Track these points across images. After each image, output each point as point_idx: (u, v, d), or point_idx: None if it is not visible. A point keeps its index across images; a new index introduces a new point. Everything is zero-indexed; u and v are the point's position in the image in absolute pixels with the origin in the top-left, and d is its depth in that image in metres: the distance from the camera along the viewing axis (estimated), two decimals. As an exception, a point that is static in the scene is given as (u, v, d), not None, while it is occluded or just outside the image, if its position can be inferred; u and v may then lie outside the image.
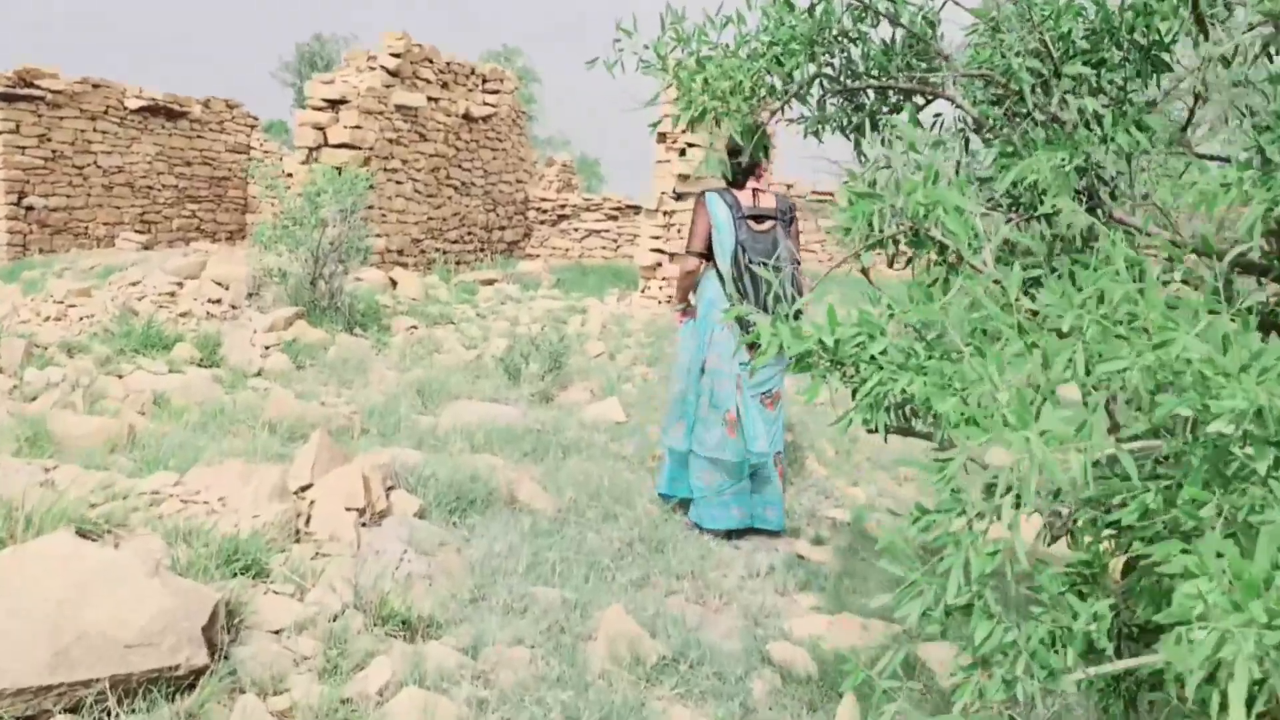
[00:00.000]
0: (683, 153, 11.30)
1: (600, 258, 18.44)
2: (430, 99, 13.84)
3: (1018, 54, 1.88)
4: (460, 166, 15.18)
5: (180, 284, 8.08)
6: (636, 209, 18.35)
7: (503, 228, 17.19)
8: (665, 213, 11.34)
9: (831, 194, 17.94)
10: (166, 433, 5.46)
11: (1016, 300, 1.60)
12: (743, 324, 4.47)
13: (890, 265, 1.99)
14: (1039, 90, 1.96)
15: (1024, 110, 2.08)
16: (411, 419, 6.19)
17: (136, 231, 16.83)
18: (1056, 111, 2.01)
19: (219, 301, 8.04)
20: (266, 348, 7.30)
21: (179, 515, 3.31)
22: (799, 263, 4.62)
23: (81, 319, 7.03)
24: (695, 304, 4.60)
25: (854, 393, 1.83)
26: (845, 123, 2.59)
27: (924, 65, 2.24)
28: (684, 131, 11.17)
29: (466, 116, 15.07)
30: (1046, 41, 1.97)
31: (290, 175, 11.18)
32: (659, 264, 11.35)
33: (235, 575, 2.97)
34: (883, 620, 3.59)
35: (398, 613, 3.00)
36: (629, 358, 9.02)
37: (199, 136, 18.36)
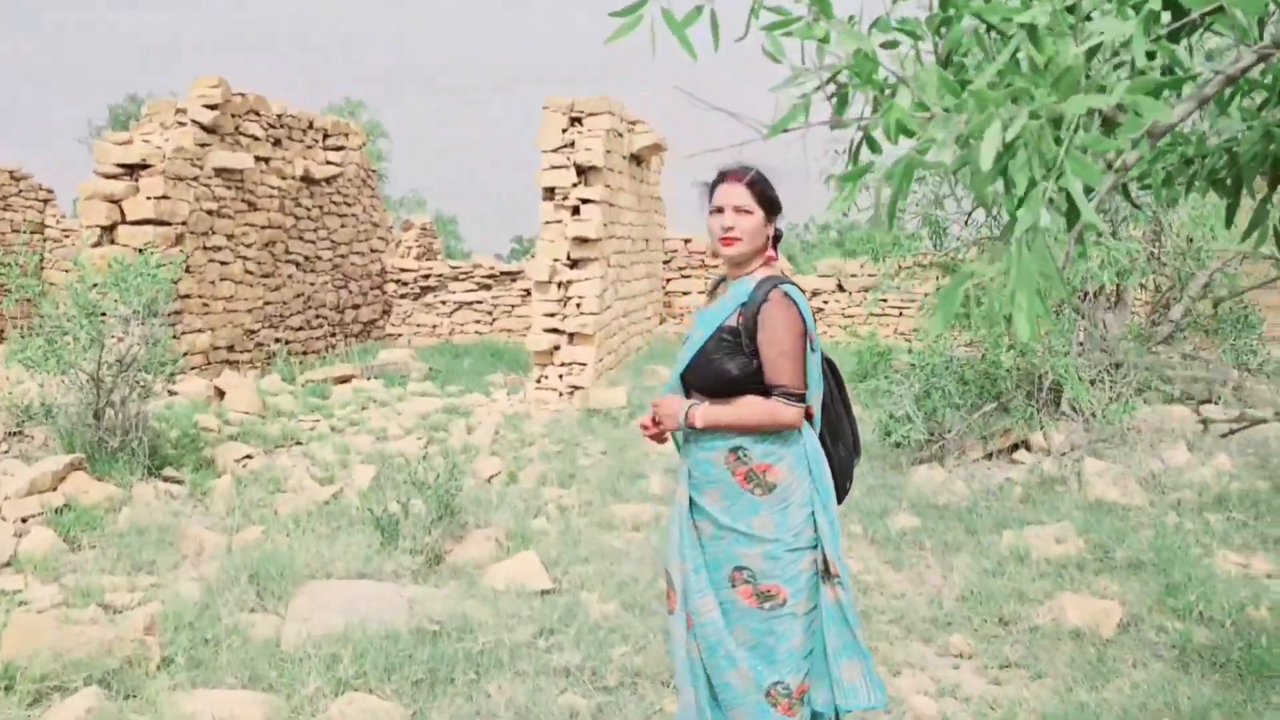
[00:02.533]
0: (576, 211, 9.76)
1: (474, 333, 16.69)
2: (259, 159, 11.92)
3: None
4: (301, 238, 13.25)
5: (-99, 429, 5.97)
6: (513, 275, 16.71)
7: (357, 306, 15.25)
8: (560, 284, 9.74)
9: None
10: None
11: None
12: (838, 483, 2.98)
13: None
14: None
15: None
16: (241, 628, 4.34)
17: (-107, 338, 14.16)
18: None
19: (-39, 449, 5.96)
20: (24, 520, 5.29)
21: None
22: None
23: None
24: (782, 474, 2.86)
25: None
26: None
27: None
28: (575, 185, 9.65)
29: (306, 178, 13.18)
30: None
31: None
32: (556, 347, 9.71)
33: None
34: None
35: None
36: (534, 476, 7.32)
37: (-28, 215, 15.83)
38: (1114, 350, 7.00)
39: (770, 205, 2.93)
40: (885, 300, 14.63)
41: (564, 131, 9.78)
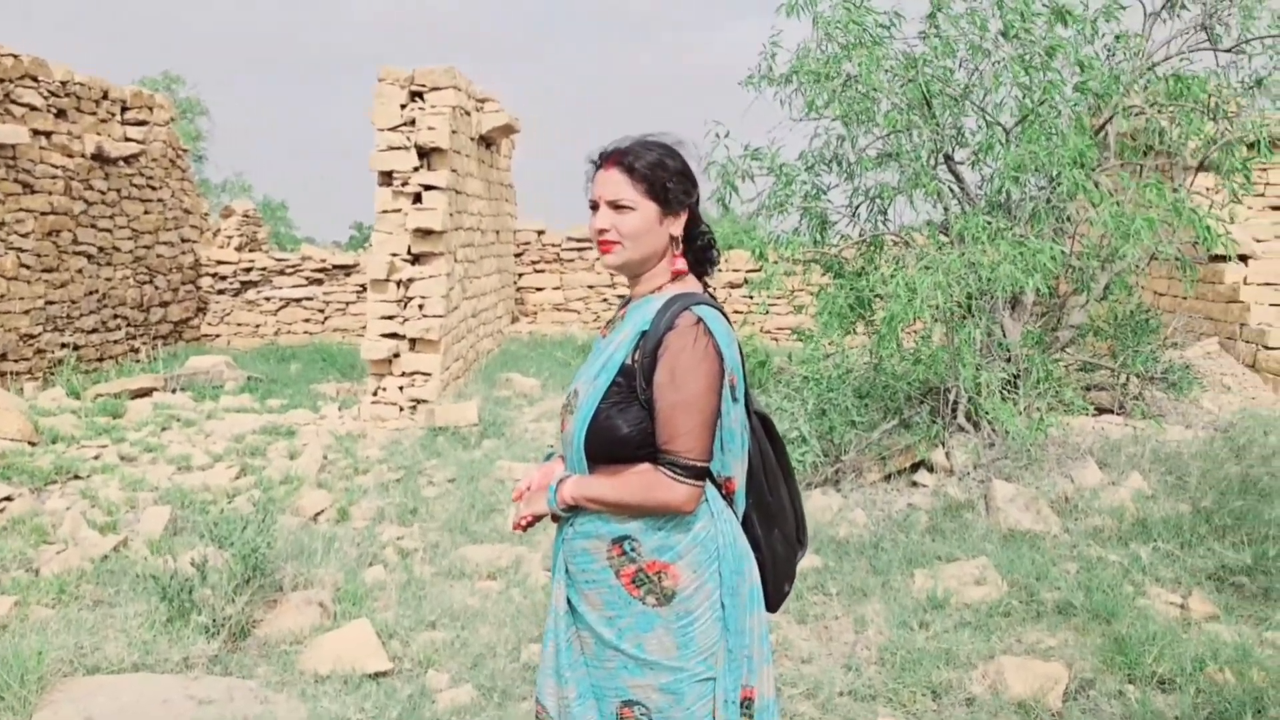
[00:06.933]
0: (417, 198, 8.78)
1: (303, 334, 15.38)
2: (38, 133, 10.40)
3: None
4: (94, 226, 11.74)
5: None
6: (347, 269, 15.48)
7: (165, 304, 13.76)
8: (399, 283, 8.75)
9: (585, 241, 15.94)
10: None
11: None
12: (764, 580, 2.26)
13: None
14: None
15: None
16: (-42, 761, 3.29)
17: None
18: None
19: None
20: None
21: None
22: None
23: None
24: (683, 577, 2.10)
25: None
26: None
27: None
28: (417, 169, 8.69)
29: (99, 157, 11.68)
30: None
31: None
32: (395, 355, 8.72)
33: None
34: None
35: None
36: (370, 511, 6.37)
37: None
38: (1018, 358, 6.57)
39: (664, 194, 2.14)
40: (752, 298, 14.19)
41: (403, 108, 8.79)
